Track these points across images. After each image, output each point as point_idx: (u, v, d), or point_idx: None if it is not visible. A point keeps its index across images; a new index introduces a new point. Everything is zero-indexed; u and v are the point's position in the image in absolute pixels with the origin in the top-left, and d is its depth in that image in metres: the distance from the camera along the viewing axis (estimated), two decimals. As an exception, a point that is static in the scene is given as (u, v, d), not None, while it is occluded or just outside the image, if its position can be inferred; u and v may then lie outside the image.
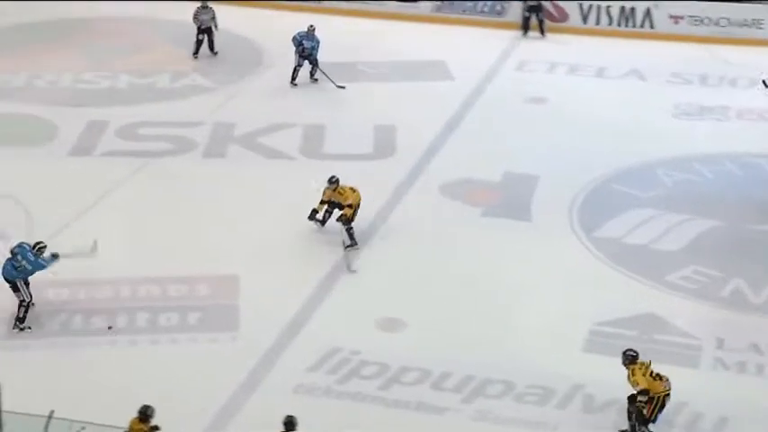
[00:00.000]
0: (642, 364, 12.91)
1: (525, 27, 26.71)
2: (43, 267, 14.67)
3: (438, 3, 27.90)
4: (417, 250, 16.39)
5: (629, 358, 12.94)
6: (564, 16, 27.14)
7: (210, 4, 24.56)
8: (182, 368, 13.96)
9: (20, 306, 14.64)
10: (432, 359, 14.15)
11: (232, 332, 14.70)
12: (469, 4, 27.65)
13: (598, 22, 26.86)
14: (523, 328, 14.89)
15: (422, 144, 20.30)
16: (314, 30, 22.34)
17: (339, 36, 25.88)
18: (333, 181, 16.70)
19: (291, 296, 15.42)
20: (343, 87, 22.39)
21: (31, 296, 14.65)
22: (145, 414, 11.78)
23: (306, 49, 22.32)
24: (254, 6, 27.95)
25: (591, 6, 26.85)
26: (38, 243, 14.80)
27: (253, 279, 15.75)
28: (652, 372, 12.91)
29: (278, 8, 27.96)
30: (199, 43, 24.39)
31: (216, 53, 24.51)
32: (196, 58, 24.23)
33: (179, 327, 14.78)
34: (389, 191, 18.51)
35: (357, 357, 14.15)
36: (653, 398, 12.79)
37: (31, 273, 14.63)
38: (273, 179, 18.86)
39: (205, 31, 24.40)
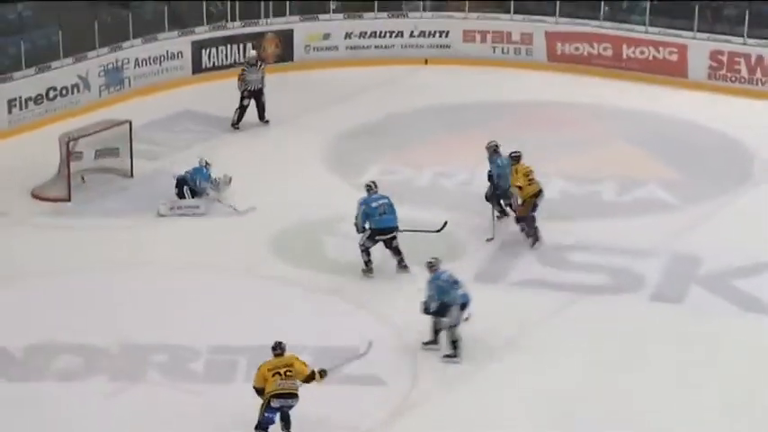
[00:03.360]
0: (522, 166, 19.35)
1: None
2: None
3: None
4: None
5: (512, 158, 19.54)
6: None
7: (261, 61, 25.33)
8: None
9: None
10: None
11: None
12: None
13: None
14: None
15: None
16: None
17: None
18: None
19: None
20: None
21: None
22: None
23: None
24: (751, 97, 27.41)
25: None
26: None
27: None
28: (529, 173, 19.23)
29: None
30: (243, 110, 24.75)
31: (267, 122, 24.98)
32: (237, 128, 24.84)
33: None
34: None
35: None
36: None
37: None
38: (741, 338, 17.38)
39: (254, 95, 24.74)
